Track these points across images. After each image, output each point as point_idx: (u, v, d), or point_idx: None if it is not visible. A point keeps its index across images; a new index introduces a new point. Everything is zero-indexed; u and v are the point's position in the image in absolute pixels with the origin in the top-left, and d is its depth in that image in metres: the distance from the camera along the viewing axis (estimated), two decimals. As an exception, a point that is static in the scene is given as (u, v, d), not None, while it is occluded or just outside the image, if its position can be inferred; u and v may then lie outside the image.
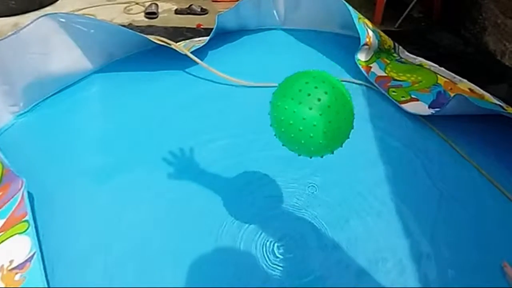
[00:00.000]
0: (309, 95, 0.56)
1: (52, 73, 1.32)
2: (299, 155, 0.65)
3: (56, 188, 1.00)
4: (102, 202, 0.96)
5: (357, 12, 1.47)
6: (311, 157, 0.66)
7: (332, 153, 0.65)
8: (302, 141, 0.59)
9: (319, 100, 0.56)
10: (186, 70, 1.49)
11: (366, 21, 1.49)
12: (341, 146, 0.65)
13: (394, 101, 1.27)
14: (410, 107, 1.23)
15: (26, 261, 0.77)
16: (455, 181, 0.98)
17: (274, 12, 1.74)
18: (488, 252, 0.81)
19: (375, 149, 1.09)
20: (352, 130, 1.17)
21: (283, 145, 0.65)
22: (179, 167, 1.04)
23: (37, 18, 1.23)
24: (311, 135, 0.57)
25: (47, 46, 1.29)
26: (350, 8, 1.45)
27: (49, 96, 1.35)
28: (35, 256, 0.78)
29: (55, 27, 1.29)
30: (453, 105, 1.08)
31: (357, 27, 1.41)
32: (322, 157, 0.66)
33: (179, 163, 1.05)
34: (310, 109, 0.56)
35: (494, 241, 0.84)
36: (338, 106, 0.58)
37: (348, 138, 0.66)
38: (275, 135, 0.66)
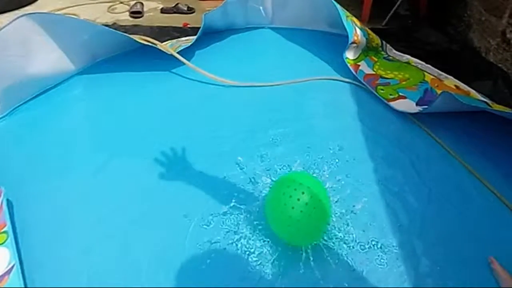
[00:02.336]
0: (290, 196, 0.73)
1: (32, 75, 1.27)
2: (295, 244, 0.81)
3: (37, 195, 0.96)
4: (84, 208, 0.93)
5: (345, 10, 1.47)
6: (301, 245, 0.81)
7: (318, 239, 0.81)
8: (291, 233, 0.77)
9: (298, 200, 0.72)
10: (172, 70, 1.46)
11: (354, 19, 1.49)
12: (325, 232, 0.82)
13: (382, 99, 1.27)
14: (398, 104, 1.24)
15: (4, 274, 0.73)
16: (443, 177, 0.99)
17: (262, 10, 1.72)
18: (476, 246, 0.82)
19: (363, 147, 1.09)
20: (341, 129, 1.18)
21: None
22: (166, 167, 1.03)
23: (16, 19, 1.18)
24: (297, 227, 0.74)
25: (26, 47, 1.24)
26: (338, 6, 1.45)
27: (29, 99, 1.31)
28: (14, 268, 0.74)
29: (35, 28, 1.25)
30: (440, 102, 1.09)
31: (345, 25, 1.41)
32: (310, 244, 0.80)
33: (166, 163, 1.04)
34: (293, 208, 0.72)
35: (481, 235, 0.85)
36: (315, 202, 0.73)
37: (328, 224, 0.82)
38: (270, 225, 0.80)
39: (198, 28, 1.52)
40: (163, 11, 2.06)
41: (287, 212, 0.73)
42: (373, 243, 0.83)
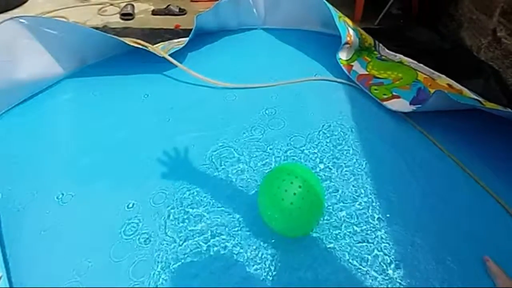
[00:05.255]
0: (284, 180, 0.75)
1: (19, 80, 1.24)
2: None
3: (25, 203, 0.93)
4: (73, 217, 0.91)
5: (337, 11, 1.47)
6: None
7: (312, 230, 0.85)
8: (284, 219, 0.76)
9: (292, 183, 0.74)
10: (165, 73, 1.44)
11: (347, 19, 1.48)
12: (317, 224, 0.85)
13: (376, 99, 1.27)
14: (392, 104, 1.24)
15: (-9, 286, 0.71)
16: (437, 176, 0.99)
17: (254, 11, 1.71)
18: (471, 245, 0.82)
19: (357, 147, 1.09)
20: (335, 129, 1.18)
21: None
22: (158, 170, 1.01)
23: (2, 22, 1.16)
24: (290, 211, 0.74)
25: (13, 51, 1.21)
26: (330, 7, 1.44)
27: (18, 104, 1.28)
28: (1, 280, 0.72)
29: (21, 31, 1.22)
30: (433, 101, 1.09)
31: (338, 26, 1.40)
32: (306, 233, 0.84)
33: (158, 166, 1.03)
34: (286, 190, 0.73)
35: (476, 233, 0.85)
36: (308, 186, 0.74)
37: (323, 214, 0.85)
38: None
39: (190, 29, 1.50)
40: (154, 13, 2.03)
41: (280, 195, 0.73)
42: (367, 242, 0.83)
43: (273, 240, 0.83)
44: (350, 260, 0.80)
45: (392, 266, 0.78)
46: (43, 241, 0.85)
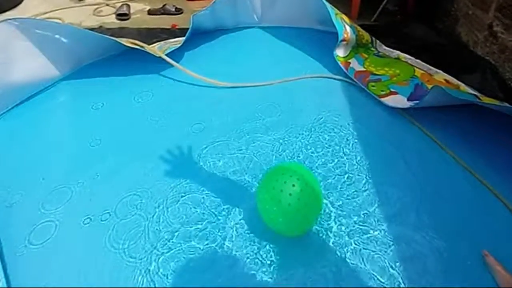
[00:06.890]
0: (280, 179, 0.76)
1: (15, 82, 1.24)
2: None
3: (20, 207, 0.93)
4: (70, 216, 0.90)
5: (334, 8, 1.46)
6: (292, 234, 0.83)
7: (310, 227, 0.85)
8: (283, 213, 0.76)
9: (290, 177, 0.75)
10: (161, 73, 1.43)
11: (343, 16, 1.48)
12: (316, 221, 0.85)
13: (374, 95, 1.27)
14: (390, 100, 1.24)
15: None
16: (435, 172, 0.99)
17: (251, 10, 1.71)
18: (470, 240, 0.82)
19: (355, 144, 1.09)
20: (333, 126, 1.18)
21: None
22: (155, 171, 1.01)
23: (-4, 24, 1.15)
24: (288, 204, 0.74)
25: (7, 53, 1.21)
26: (327, 4, 1.44)
27: (13, 107, 1.27)
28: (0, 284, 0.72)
29: (15, 33, 1.21)
30: (431, 97, 1.09)
31: (335, 23, 1.40)
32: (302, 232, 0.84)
33: (155, 167, 1.02)
34: (281, 191, 0.74)
35: (475, 229, 0.85)
36: (304, 183, 0.75)
37: (321, 211, 0.85)
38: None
39: (187, 29, 1.49)
40: (150, 12, 2.02)
41: (279, 187, 0.74)
42: (366, 239, 0.83)
43: (272, 238, 0.83)
44: (350, 257, 0.79)
45: (391, 261, 0.78)
46: (38, 240, 0.85)
